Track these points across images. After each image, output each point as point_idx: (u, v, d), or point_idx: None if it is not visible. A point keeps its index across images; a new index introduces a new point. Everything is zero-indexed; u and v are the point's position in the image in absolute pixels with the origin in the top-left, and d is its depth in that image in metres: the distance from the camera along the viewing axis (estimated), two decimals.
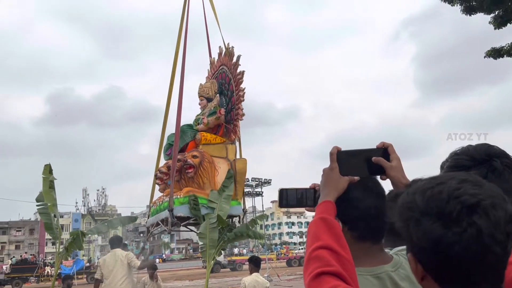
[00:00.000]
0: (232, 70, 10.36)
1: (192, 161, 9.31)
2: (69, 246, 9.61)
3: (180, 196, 9.14)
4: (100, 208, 77.55)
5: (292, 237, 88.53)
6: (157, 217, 9.94)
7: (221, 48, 11.13)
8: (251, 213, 59.32)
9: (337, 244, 1.06)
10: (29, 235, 67.89)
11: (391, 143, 1.32)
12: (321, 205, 1.20)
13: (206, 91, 10.80)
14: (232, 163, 9.90)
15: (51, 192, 9.74)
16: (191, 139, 10.11)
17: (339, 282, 0.97)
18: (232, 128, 10.13)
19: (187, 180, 9.54)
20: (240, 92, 9.99)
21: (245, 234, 9.15)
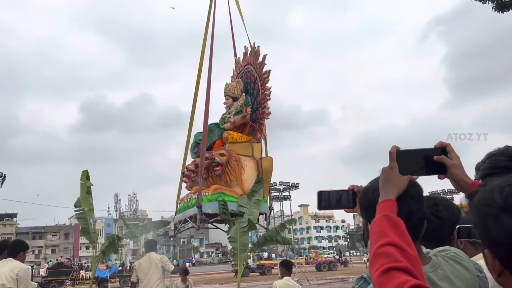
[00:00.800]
0: (258, 69, 10.44)
1: (219, 159, 9.46)
2: (106, 249, 9.95)
3: (208, 194, 9.30)
4: (131, 213, 79.11)
5: (321, 241, 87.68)
6: (185, 214, 10.08)
7: (247, 47, 11.24)
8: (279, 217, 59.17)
9: (402, 241, 1.07)
10: (64, 240, 69.97)
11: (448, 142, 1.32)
12: (382, 204, 1.20)
13: (231, 90, 10.92)
14: (258, 162, 9.99)
15: (88, 197, 10.11)
16: (218, 137, 10.28)
17: (409, 277, 0.97)
18: (258, 127, 10.22)
19: (214, 177, 9.69)
20: (266, 91, 10.08)
21: (274, 239, 9.19)
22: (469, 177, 1.29)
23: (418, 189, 1.30)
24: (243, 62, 11.37)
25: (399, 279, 0.97)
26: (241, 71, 11.32)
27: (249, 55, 11.04)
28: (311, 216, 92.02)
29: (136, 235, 11.24)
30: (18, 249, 4.82)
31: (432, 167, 1.30)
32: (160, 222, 12.40)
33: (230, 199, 9.38)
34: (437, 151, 1.31)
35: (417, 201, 1.27)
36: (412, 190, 1.28)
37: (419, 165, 1.30)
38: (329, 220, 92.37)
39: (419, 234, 1.30)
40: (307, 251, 66.65)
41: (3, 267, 4.60)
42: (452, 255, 1.31)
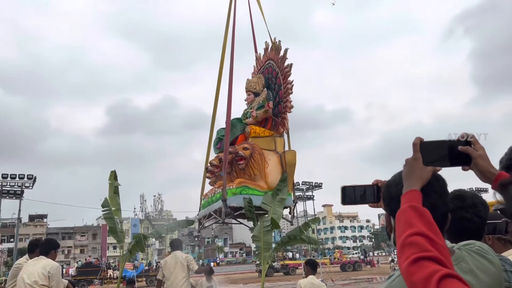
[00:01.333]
0: (279, 64, 10.45)
1: (243, 153, 9.51)
2: (132, 248, 10.16)
3: (233, 187, 9.36)
4: (156, 213, 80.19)
5: (345, 242, 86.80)
6: (209, 209, 10.18)
7: (267, 43, 11.28)
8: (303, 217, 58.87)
9: (430, 230, 1.07)
10: (92, 240, 71.61)
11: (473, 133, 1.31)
12: (407, 194, 1.20)
13: (253, 86, 10.96)
14: (282, 155, 9.99)
15: (116, 197, 10.33)
16: (240, 132, 10.34)
17: (439, 267, 0.97)
18: (280, 121, 10.21)
19: (238, 171, 9.75)
20: (288, 84, 10.06)
21: (298, 238, 9.17)
22: (495, 168, 1.28)
23: (442, 183, 1.29)
24: (263, 58, 11.42)
25: (429, 269, 0.96)
26: (262, 66, 11.37)
27: (270, 50, 11.09)
28: (335, 216, 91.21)
29: (161, 234, 11.42)
30: (49, 248, 5.00)
31: (457, 158, 1.29)
32: (185, 222, 12.54)
33: (255, 192, 9.43)
34: (462, 142, 1.29)
35: (440, 195, 1.27)
36: (435, 184, 1.27)
37: (443, 156, 1.29)
38: (353, 220, 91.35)
39: (443, 228, 1.28)
40: (331, 251, 66.13)
41: (36, 264, 4.79)
42: (476, 248, 1.30)
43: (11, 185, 30.65)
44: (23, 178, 31.00)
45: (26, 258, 5.39)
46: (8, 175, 30.84)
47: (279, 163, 9.95)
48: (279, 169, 9.89)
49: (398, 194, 1.25)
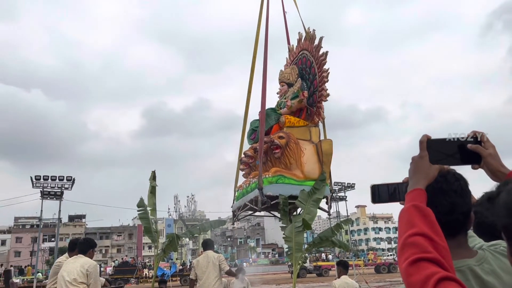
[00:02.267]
0: (314, 53, 10.36)
1: (278, 142, 9.50)
2: (166, 248, 10.35)
3: (269, 176, 9.37)
4: (190, 213, 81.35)
5: (379, 243, 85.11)
6: (244, 199, 10.18)
7: (301, 34, 11.21)
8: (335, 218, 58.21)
9: (432, 231, 1.05)
10: (128, 240, 73.46)
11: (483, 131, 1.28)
12: (411, 193, 1.18)
13: (286, 77, 10.92)
14: (318, 144, 9.93)
15: (152, 197, 10.56)
16: (275, 122, 10.31)
17: (438, 269, 0.95)
18: (316, 110, 10.14)
19: (274, 161, 9.75)
20: (324, 73, 9.96)
21: (330, 239, 9.08)
22: (506, 167, 1.24)
23: (462, 182, 1.29)
24: (297, 49, 11.37)
25: (427, 270, 0.95)
26: (295, 58, 11.32)
27: (304, 41, 11.01)
28: (369, 217, 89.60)
29: (194, 234, 11.62)
30: (87, 247, 5.18)
31: (466, 156, 1.25)
32: (217, 222, 12.68)
33: (291, 181, 9.40)
34: (471, 140, 1.25)
35: (460, 195, 1.26)
36: (455, 183, 1.27)
37: (452, 154, 1.25)
38: (388, 221, 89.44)
39: (463, 228, 1.29)
40: (365, 253, 65.02)
41: (75, 262, 4.98)
42: (501, 249, 1.27)
43: (52, 187, 31.96)
44: (62, 180, 32.16)
45: (66, 257, 5.59)
46: (49, 177, 32.16)
47: (315, 153, 9.88)
48: (315, 158, 9.81)
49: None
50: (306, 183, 9.53)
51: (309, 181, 9.58)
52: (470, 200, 1.29)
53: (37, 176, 31.79)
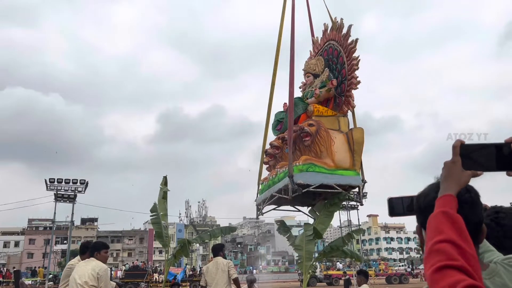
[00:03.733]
0: (342, 42, 10.20)
1: (308, 129, 9.36)
2: (177, 253, 10.40)
3: (299, 164, 9.19)
4: (201, 219, 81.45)
5: (391, 253, 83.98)
6: (271, 191, 10.00)
7: (326, 25, 11.09)
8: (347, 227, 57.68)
9: (460, 238, 1.03)
10: (139, 244, 73.73)
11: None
12: (441, 199, 1.15)
13: (312, 68, 10.80)
14: (348, 133, 9.75)
15: (164, 202, 10.63)
16: (303, 111, 10.18)
17: (464, 277, 0.93)
18: (345, 100, 9.97)
19: (303, 149, 9.58)
20: (354, 61, 9.78)
21: (341, 249, 9.01)
22: None
23: (473, 194, 1.26)
24: (322, 40, 11.28)
25: (453, 278, 0.93)
26: (320, 49, 11.22)
27: (330, 31, 10.88)
28: (381, 227, 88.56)
29: (205, 240, 11.65)
30: (96, 249, 5.24)
31: (503, 162, 1.19)
32: (228, 228, 12.70)
33: (321, 170, 9.23)
34: (508, 146, 1.19)
35: (471, 206, 1.23)
36: (465, 195, 1.24)
37: (487, 160, 1.20)
38: (400, 231, 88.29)
39: (475, 241, 1.23)
40: (376, 263, 64.24)
41: (86, 265, 5.02)
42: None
43: (65, 190, 32.35)
44: (76, 183, 32.56)
45: (78, 259, 5.64)
46: (63, 180, 32.57)
47: (346, 142, 9.72)
48: (346, 147, 9.65)
49: (427, 206, 1.24)
50: (337, 172, 9.38)
51: (340, 170, 9.43)
52: (482, 212, 1.27)
53: (51, 179, 32.26)
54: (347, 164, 9.48)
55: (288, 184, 9.00)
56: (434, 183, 1.30)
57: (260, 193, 10.80)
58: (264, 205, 10.60)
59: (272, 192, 9.93)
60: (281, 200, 10.19)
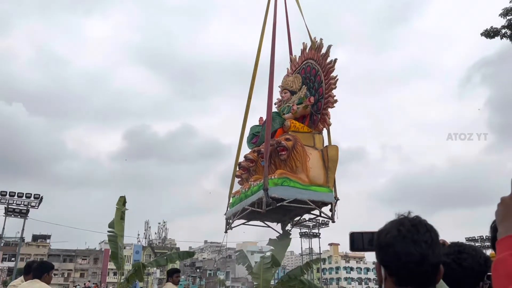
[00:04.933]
0: (321, 61, 10.42)
1: (285, 144, 9.39)
2: (130, 277, 9.96)
3: (274, 177, 9.19)
4: (160, 241, 79.40)
5: (350, 283, 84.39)
6: (243, 204, 9.93)
7: (305, 44, 11.36)
8: (308, 255, 57.59)
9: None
10: (93, 264, 70.64)
11: None
12: (506, 240, 1.01)
13: (290, 84, 10.96)
14: (323, 150, 9.86)
15: (122, 223, 10.27)
16: (279, 126, 10.27)
17: None
18: (321, 117, 10.14)
19: (278, 163, 9.60)
20: (331, 80, 10.00)
21: (299, 278, 8.92)
22: None
23: (433, 233, 1.26)
24: (299, 59, 11.48)
25: None
26: (297, 67, 11.41)
27: (309, 50, 11.11)
28: (341, 256, 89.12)
29: (161, 264, 11.25)
30: (42, 271, 4.90)
31: None
32: (186, 253, 12.36)
33: (296, 185, 9.24)
34: None
35: (430, 246, 1.22)
36: (426, 234, 1.24)
37: None
38: (359, 261, 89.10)
39: (432, 281, 1.25)
40: None
41: (28, 287, 4.69)
42: None
43: (17, 204, 30.81)
44: (30, 197, 31.15)
45: (21, 280, 5.30)
46: (15, 193, 31.06)
47: (321, 158, 9.82)
48: (320, 164, 9.74)
49: (388, 244, 1.22)
50: (311, 187, 9.42)
51: (314, 186, 9.49)
52: (440, 253, 1.26)
53: (2, 192, 30.69)
54: (321, 181, 9.59)
55: (262, 197, 8.96)
56: (395, 220, 1.29)
57: (231, 206, 10.71)
58: (234, 218, 10.52)
59: (244, 205, 9.87)
60: (252, 215, 10.13)
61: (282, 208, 9.65)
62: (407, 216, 1.31)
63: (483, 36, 13.51)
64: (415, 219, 1.27)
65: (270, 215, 9.89)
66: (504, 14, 13.10)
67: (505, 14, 13.09)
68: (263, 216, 10.19)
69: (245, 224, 11.00)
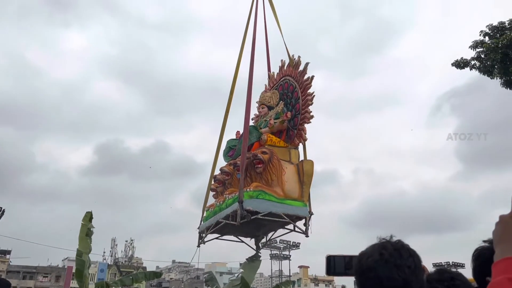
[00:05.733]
0: (298, 78, 10.65)
1: (262, 157, 9.44)
2: None
3: (249, 190, 9.19)
4: (126, 259, 77.24)
5: None
6: (217, 217, 9.87)
7: (283, 61, 11.60)
8: (277, 277, 57.09)
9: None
10: (55, 282, 67.70)
11: None
12: (504, 262, 0.97)
13: (267, 100, 11.15)
14: (299, 165, 9.96)
15: (87, 239, 9.95)
16: (256, 139, 10.34)
17: None
18: (297, 133, 10.29)
19: (254, 176, 9.63)
20: (308, 96, 10.22)
21: None
22: None
23: (416, 259, 1.24)
24: (277, 76, 11.73)
25: None
26: (275, 84, 11.63)
27: (287, 67, 11.37)
28: (311, 279, 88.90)
29: (126, 283, 10.89)
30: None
31: None
32: (152, 273, 12.04)
33: (271, 198, 9.26)
34: None
35: (413, 271, 1.20)
36: (409, 259, 1.22)
37: None
38: (328, 284, 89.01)
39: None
40: None
41: None
42: None
43: None
44: None
45: None
46: None
47: (296, 172, 9.91)
48: (296, 178, 9.83)
49: (369, 267, 1.20)
50: (286, 201, 9.45)
51: (289, 200, 9.53)
52: (423, 278, 1.24)
53: None
54: (296, 195, 9.66)
55: (237, 210, 8.92)
56: (377, 243, 1.27)
57: (205, 220, 10.62)
58: (207, 232, 10.41)
59: (218, 218, 9.81)
60: (225, 229, 10.08)
61: (256, 223, 9.64)
62: (389, 240, 1.28)
63: (454, 66, 14.09)
64: (397, 243, 1.24)
65: (244, 229, 9.87)
66: (474, 47, 13.72)
67: (475, 47, 13.71)
68: (237, 231, 10.18)
69: (218, 238, 10.92)
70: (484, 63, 13.66)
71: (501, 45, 12.91)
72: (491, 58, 13.34)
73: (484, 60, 13.65)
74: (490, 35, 13.61)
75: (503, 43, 12.88)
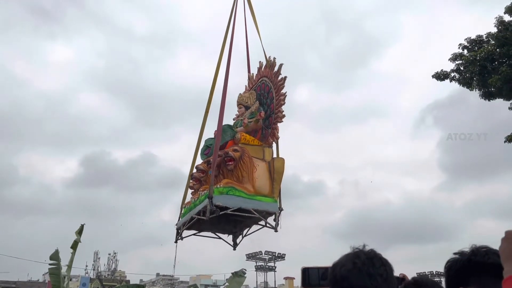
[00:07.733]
0: (273, 78, 10.96)
1: (233, 154, 9.67)
2: None
3: (220, 186, 9.39)
4: (109, 273, 75.84)
5: None
6: (191, 213, 10.08)
7: (261, 62, 11.95)
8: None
9: None
10: None
11: None
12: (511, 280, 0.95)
13: (245, 100, 11.43)
14: (270, 162, 10.21)
15: (72, 252, 9.74)
16: (230, 138, 10.55)
17: None
18: (271, 132, 10.55)
19: (226, 173, 9.85)
20: (281, 96, 10.51)
21: None
22: None
23: (388, 268, 1.27)
24: (256, 76, 12.01)
25: None
26: (254, 85, 11.91)
27: (264, 68, 11.68)
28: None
29: None
30: None
31: None
32: (135, 286, 11.83)
33: (241, 194, 9.46)
34: None
35: (385, 280, 1.23)
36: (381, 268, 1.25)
37: None
38: None
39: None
40: None
41: None
42: None
43: None
44: None
45: None
46: None
47: (267, 170, 10.15)
48: (267, 175, 10.06)
49: (343, 276, 1.21)
50: (256, 197, 9.68)
51: (259, 196, 9.76)
52: (395, 287, 1.29)
53: None
54: (266, 191, 9.89)
55: (207, 205, 9.12)
56: (350, 253, 1.29)
57: (182, 216, 10.82)
58: (183, 228, 10.55)
59: (192, 214, 10.00)
60: (202, 225, 10.25)
61: (233, 219, 9.89)
62: (362, 250, 1.30)
63: (434, 78, 14.42)
64: (370, 252, 1.27)
65: (222, 226, 10.15)
66: (453, 59, 14.08)
67: (454, 59, 14.08)
68: (214, 227, 10.45)
69: (196, 235, 11.15)
70: (463, 75, 14.01)
71: (479, 57, 13.26)
72: (469, 71, 13.68)
73: (463, 72, 14.00)
74: (469, 48, 13.98)
75: (481, 56, 13.23)
